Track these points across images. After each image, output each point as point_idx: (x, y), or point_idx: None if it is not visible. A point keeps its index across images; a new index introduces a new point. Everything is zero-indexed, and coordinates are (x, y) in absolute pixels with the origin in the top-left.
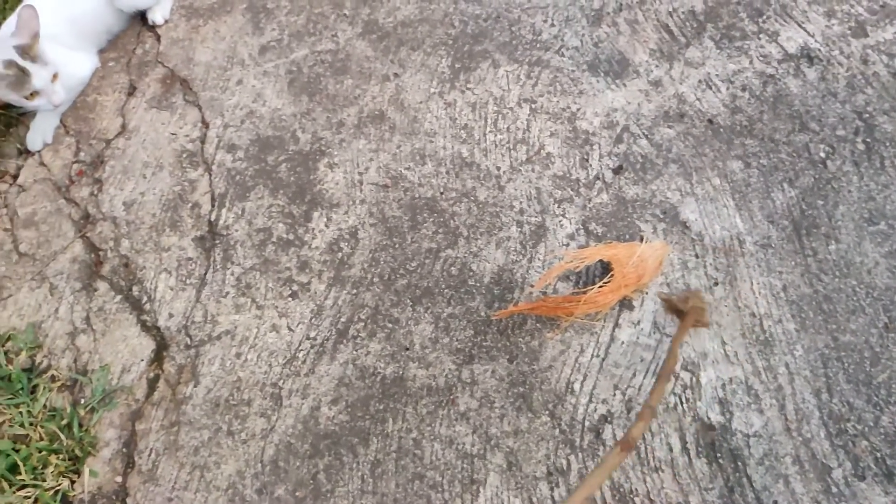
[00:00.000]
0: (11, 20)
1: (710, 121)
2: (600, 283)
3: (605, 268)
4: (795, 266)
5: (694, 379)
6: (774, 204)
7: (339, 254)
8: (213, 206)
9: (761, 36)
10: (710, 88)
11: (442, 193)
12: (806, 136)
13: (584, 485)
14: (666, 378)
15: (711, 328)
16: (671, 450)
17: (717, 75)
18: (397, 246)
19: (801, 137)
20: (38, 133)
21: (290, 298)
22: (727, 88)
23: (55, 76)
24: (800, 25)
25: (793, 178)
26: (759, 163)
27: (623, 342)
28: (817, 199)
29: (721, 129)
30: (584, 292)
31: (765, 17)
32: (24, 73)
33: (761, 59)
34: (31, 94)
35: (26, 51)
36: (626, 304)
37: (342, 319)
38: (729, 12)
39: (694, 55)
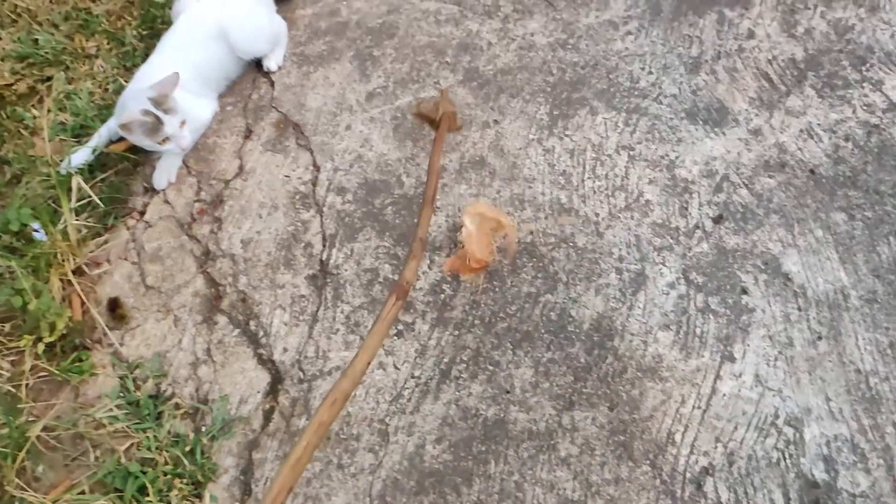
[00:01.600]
0: (144, 71)
1: (811, 171)
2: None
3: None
4: None
5: (797, 434)
6: (880, 258)
7: (442, 296)
8: (324, 245)
9: (865, 84)
10: (812, 138)
11: (541, 238)
12: None
13: (367, 344)
14: (430, 203)
15: (815, 383)
16: None
17: (818, 125)
18: (497, 290)
19: None
20: (164, 173)
21: (395, 337)
22: (829, 138)
23: (183, 123)
24: None
25: None
26: (864, 215)
27: (724, 394)
28: None
29: (823, 180)
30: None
31: (868, 65)
32: (157, 122)
33: (865, 108)
34: (163, 140)
35: (160, 102)
36: (727, 355)
37: (445, 360)
38: (831, 60)
39: (795, 104)
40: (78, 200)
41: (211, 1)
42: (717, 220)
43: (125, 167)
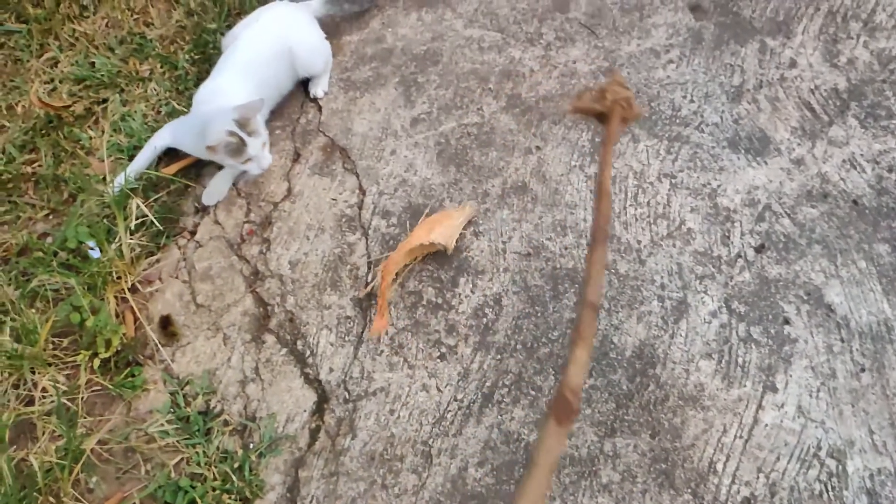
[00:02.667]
0: (210, 88)
1: (854, 202)
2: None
3: None
4: None
5: (840, 467)
6: None
7: (484, 319)
8: (369, 268)
9: None
10: (855, 168)
11: (583, 265)
12: None
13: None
14: (603, 242)
15: (858, 415)
16: None
17: (861, 155)
18: (539, 314)
19: None
20: (215, 191)
21: (438, 360)
22: (872, 169)
23: (265, 144)
24: None
25: None
26: None
27: (767, 424)
28: None
29: (867, 211)
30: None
31: None
32: (241, 143)
33: None
34: (245, 160)
35: (244, 124)
36: (769, 386)
37: (487, 384)
38: (874, 90)
39: (837, 134)
40: (133, 220)
41: (273, 20)
42: (760, 249)
43: (177, 188)
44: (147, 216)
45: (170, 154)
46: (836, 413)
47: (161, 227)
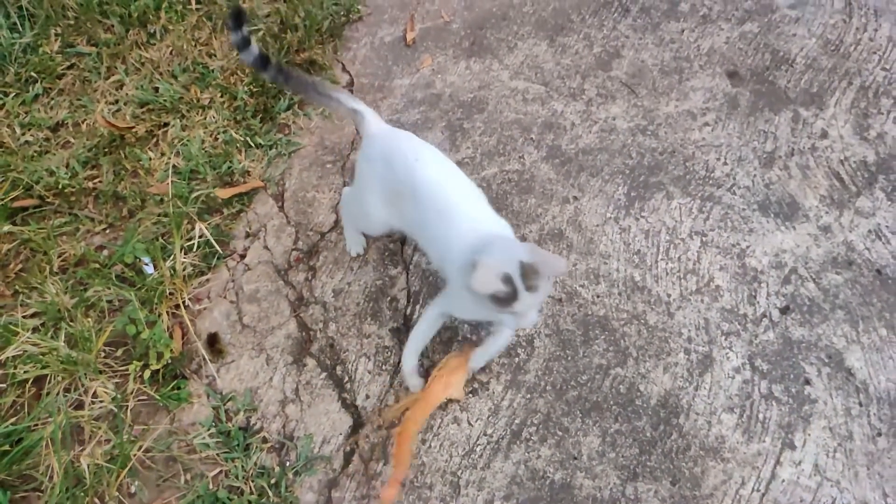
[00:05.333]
0: (508, 242)
1: (878, 271)
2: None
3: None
4: None
5: None
6: None
7: (517, 359)
8: (408, 301)
9: None
10: (880, 239)
11: (614, 313)
12: None
13: None
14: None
15: (873, 478)
16: None
17: (887, 227)
18: (570, 358)
19: None
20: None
21: (470, 395)
22: None
23: (537, 304)
24: None
25: None
26: None
27: (783, 480)
28: None
29: (890, 281)
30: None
31: None
32: (512, 294)
33: None
34: (506, 311)
35: (528, 275)
36: (788, 443)
37: (516, 421)
38: None
39: (864, 205)
40: (187, 240)
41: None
42: (784, 310)
43: (230, 212)
44: (199, 238)
45: (225, 178)
46: (852, 474)
47: (218, 248)
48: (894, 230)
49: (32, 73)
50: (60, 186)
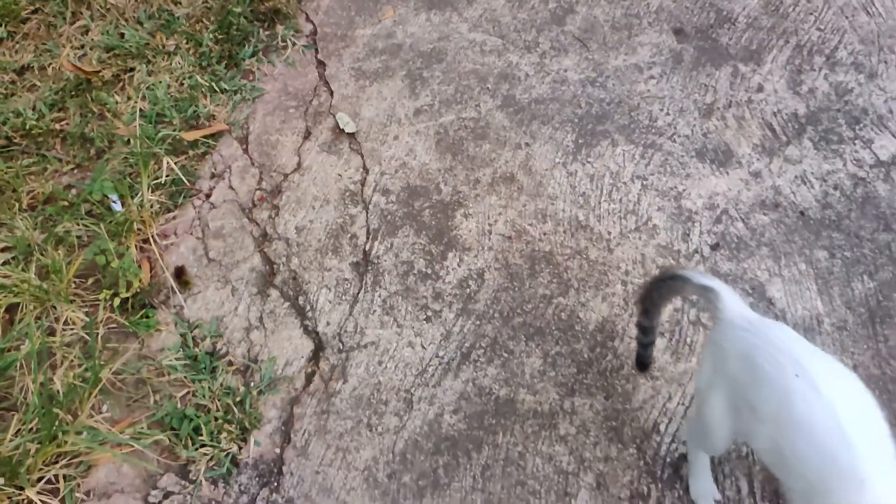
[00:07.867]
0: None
1: (801, 213)
2: None
3: None
4: (867, 349)
5: None
6: (853, 292)
7: (468, 290)
8: (367, 238)
9: (857, 142)
10: (805, 184)
11: (558, 249)
12: (889, 236)
13: None
14: None
15: None
16: (739, 491)
17: (812, 173)
18: (516, 289)
19: (885, 237)
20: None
21: (424, 321)
22: (820, 186)
23: None
24: (894, 136)
25: (873, 271)
26: (843, 255)
27: None
28: (894, 293)
29: (811, 221)
30: None
31: (861, 125)
32: None
33: (854, 162)
34: None
35: None
36: None
37: (466, 345)
38: (829, 117)
39: (793, 153)
40: (154, 179)
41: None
42: (715, 247)
43: (196, 153)
44: (167, 176)
45: (191, 122)
46: None
47: (186, 182)
48: (819, 176)
49: None
50: (28, 127)
